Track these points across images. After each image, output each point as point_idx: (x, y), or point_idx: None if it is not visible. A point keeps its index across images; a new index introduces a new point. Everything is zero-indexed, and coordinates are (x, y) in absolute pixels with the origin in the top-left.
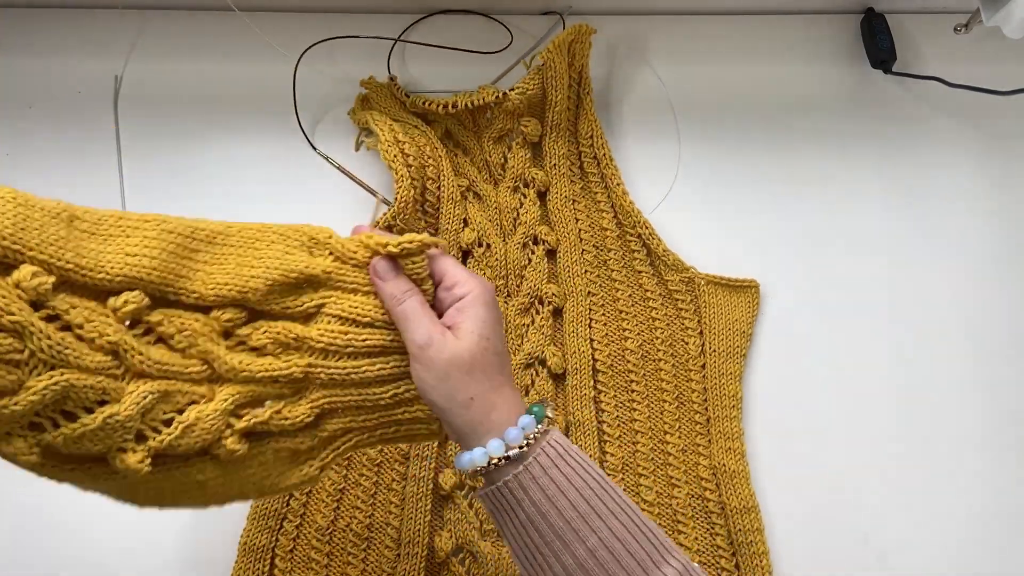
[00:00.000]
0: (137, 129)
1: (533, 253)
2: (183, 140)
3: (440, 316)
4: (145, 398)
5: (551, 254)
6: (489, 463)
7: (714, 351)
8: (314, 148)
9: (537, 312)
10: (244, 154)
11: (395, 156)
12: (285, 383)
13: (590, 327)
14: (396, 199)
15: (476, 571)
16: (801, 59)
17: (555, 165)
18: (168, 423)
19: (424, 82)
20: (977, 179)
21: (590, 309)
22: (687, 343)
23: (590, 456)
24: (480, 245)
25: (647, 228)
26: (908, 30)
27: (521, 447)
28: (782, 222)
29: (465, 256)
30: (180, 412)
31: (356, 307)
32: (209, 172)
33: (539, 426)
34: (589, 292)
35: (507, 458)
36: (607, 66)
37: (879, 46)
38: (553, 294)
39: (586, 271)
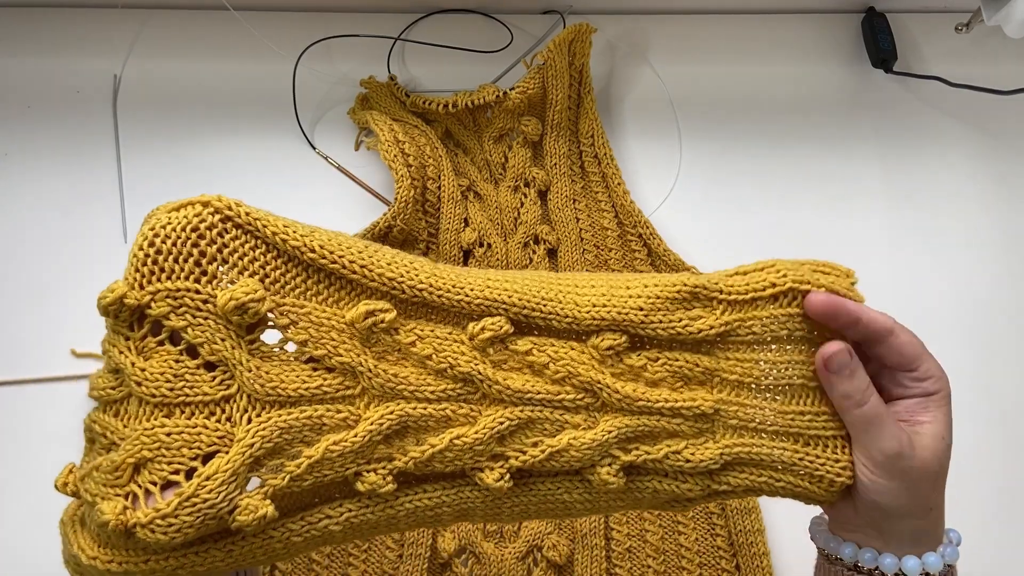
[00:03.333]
0: (136, 129)
1: (534, 253)
2: (182, 140)
3: (890, 397)
4: (502, 424)
5: (552, 253)
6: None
7: None
8: (314, 148)
9: None
10: (244, 154)
11: (395, 156)
12: (688, 419)
13: None
14: (396, 199)
15: (479, 572)
16: (801, 59)
17: (556, 164)
18: (536, 444)
19: (424, 82)
20: (977, 179)
21: None
22: None
23: None
24: (481, 245)
25: (648, 228)
26: (909, 30)
27: (948, 566)
28: (783, 222)
29: (466, 256)
30: (551, 436)
31: (768, 324)
32: (209, 172)
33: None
34: None
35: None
36: (607, 65)
37: (880, 46)
38: None
39: (587, 271)
